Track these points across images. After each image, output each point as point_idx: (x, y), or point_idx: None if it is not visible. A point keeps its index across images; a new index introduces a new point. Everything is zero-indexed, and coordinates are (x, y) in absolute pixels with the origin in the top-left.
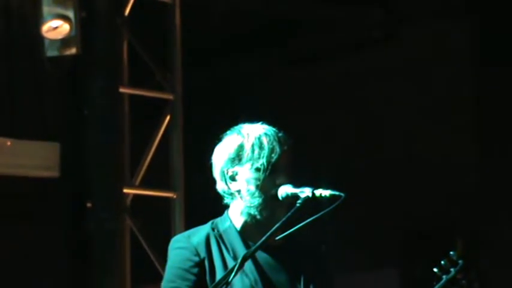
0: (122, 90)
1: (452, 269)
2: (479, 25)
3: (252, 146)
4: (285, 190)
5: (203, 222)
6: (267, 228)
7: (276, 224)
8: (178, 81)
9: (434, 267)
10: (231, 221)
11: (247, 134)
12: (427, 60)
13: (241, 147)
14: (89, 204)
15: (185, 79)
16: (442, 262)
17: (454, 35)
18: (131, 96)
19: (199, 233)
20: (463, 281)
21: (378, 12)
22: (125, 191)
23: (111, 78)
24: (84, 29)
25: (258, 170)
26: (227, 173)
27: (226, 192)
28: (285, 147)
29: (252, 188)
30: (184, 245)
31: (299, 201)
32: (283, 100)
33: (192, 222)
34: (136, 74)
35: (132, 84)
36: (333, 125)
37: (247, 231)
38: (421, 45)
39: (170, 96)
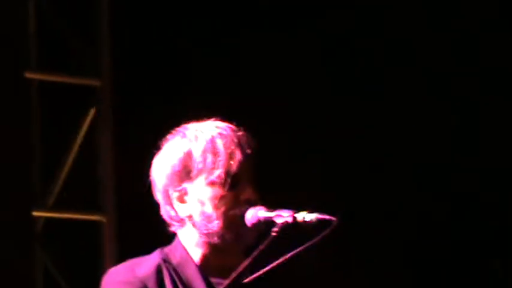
0: (28, 75)
1: None
2: None
3: (203, 152)
4: (255, 214)
5: (142, 252)
6: (233, 258)
7: (242, 253)
8: (105, 62)
9: None
10: (186, 252)
11: (195, 136)
12: None
13: (188, 156)
14: None
15: (115, 58)
16: None
17: None
18: (41, 83)
19: (146, 264)
20: None
21: None
22: (35, 214)
23: (12, 60)
24: None
25: (213, 184)
26: (172, 194)
27: (174, 218)
28: (248, 150)
29: (209, 209)
30: (127, 279)
31: (275, 228)
32: (248, 75)
33: (127, 255)
34: (48, 53)
35: (43, 67)
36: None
37: (208, 266)
38: None
39: (95, 83)
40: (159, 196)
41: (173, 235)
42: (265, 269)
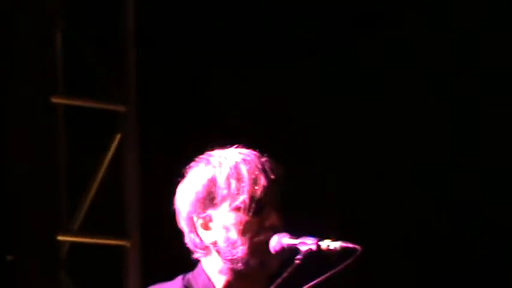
0: (55, 100)
1: None
2: None
3: (227, 178)
4: (279, 241)
5: (166, 278)
6: (257, 285)
7: (266, 280)
8: (131, 87)
9: None
10: (209, 279)
11: (219, 162)
12: None
13: (212, 183)
14: (9, 257)
15: (141, 84)
16: None
17: None
18: (67, 108)
19: None
20: None
21: None
22: (60, 238)
23: (39, 85)
24: (1, 20)
25: (238, 209)
26: (197, 221)
27: (199, 246)
28: (272, 176)
29: (233, 235)
30: None
31: (299, 256)
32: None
33: (151, 279)
34: (74, 78)
35: (69, 92)
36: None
37: None
38: None
39: (121, 108)
40: (183, 224)
41: (197, 261)
42: None
